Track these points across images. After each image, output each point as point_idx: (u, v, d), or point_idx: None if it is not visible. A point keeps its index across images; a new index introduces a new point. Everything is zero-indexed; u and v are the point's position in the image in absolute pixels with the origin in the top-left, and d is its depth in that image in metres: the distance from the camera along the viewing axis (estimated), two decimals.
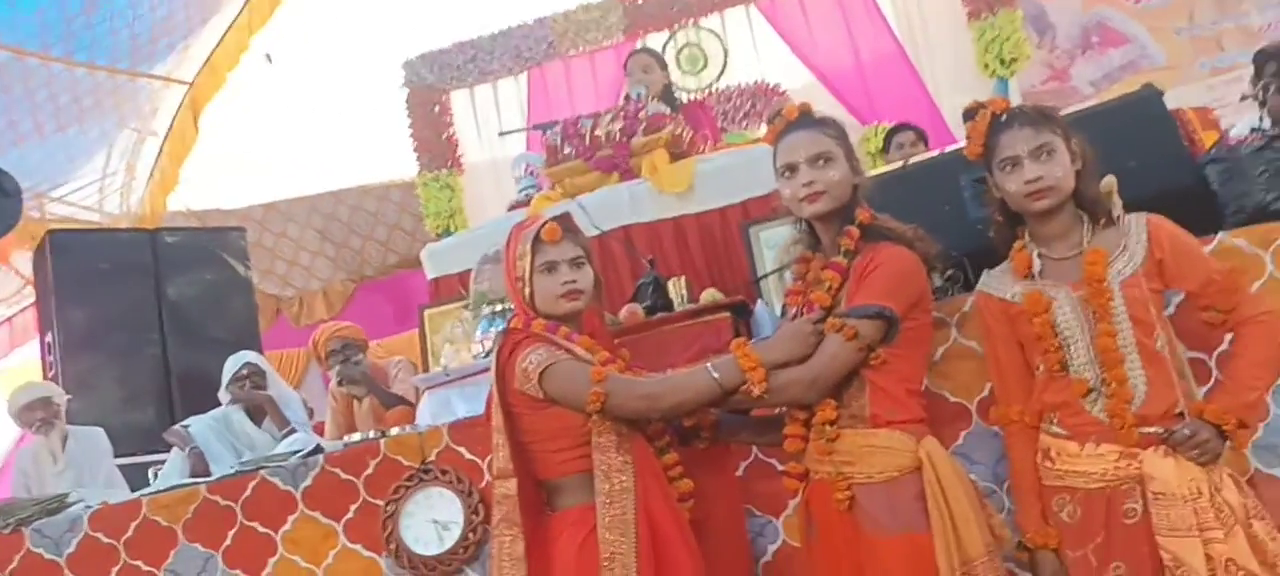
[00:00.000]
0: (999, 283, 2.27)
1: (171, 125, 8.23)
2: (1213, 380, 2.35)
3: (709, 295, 3.45)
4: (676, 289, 3.55)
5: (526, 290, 2.33)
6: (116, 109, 7.80)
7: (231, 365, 4.42)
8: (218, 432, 4.22)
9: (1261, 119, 3.84)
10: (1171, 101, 2.89)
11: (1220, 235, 2.46)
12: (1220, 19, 6.98)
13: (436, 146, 7.57)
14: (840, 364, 2.17)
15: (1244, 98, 4.26)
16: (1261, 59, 4.05)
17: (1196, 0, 7.01)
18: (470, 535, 2.90)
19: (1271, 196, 2.61)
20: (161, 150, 8.30)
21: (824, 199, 2.26)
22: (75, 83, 7.36)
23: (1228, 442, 2.01)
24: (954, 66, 6.48)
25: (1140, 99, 2.85)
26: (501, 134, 5.95)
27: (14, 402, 4.78)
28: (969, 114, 2.29)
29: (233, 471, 3.29)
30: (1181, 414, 2.03)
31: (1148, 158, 2.55)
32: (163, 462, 4.26)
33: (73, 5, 6.72)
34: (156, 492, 3.33)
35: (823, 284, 2.25)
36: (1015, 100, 5.54)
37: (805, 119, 2.36)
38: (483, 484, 2.91)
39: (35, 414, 4.72)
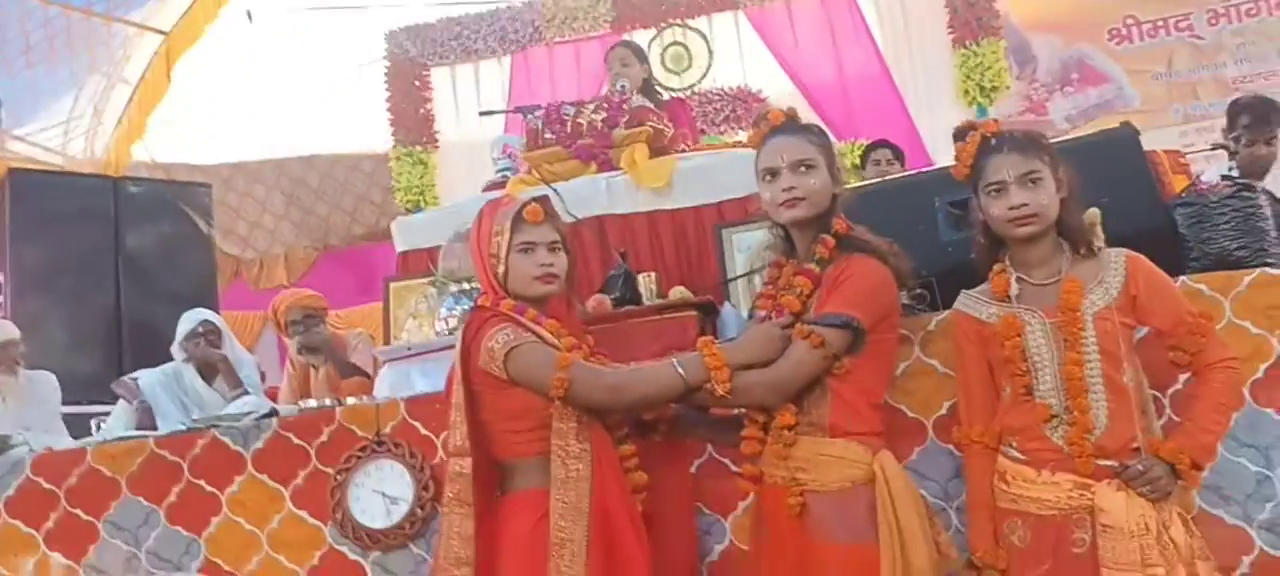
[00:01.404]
0: (976, 303, 2.27)
1: (144, 74, 8.12)
2: (1165, 418, 2.38)
3: (678, 292, 3.44)
4: (646, 284, 3.54)
5: (500, 268, 2.30)
6: (89, 51, 7.69)
7: (188, 321, 4.34)
8: (167, 388, 4.15)
9: (1232, 168, 3.91)
10: (1145, 143, 2.92)
11: (1182, 278, 2.48)
12: (1197, 68, 7.11)
13: (413, 121, 7.53)
14: (805, 370, 2.17)
15: (1216, 146, 4.33)
16: (1235, 110, 4.13)
17: (1176, 48, 7.14)
18: (418, 510, 2.88)
19: (1235, 244, 2.65)
20: (132, 98, 8.17)
21: (803, 205, 2.26)
22: (49, 21, 7.23)
23: (1179, 481, 2.04)
24: (934, 90, 6.55)
25: (1118, 136, 2.88)
26: (482, 114, 5.88)
27: None
28: (959, 134, 2.28)
29: (184, 427, 3.24)
30: (1138, 449, 2.05)
31: (1120, 194, 2.57)
32: (107, 414, 4.19)
33: None
34: (103, 442, 3.27)
35: (794, 289, 2.25)
36: None
37: (790, 124, 2.36)
38: (435, 460, 2.88)
39: (8, 353, 4.61)
